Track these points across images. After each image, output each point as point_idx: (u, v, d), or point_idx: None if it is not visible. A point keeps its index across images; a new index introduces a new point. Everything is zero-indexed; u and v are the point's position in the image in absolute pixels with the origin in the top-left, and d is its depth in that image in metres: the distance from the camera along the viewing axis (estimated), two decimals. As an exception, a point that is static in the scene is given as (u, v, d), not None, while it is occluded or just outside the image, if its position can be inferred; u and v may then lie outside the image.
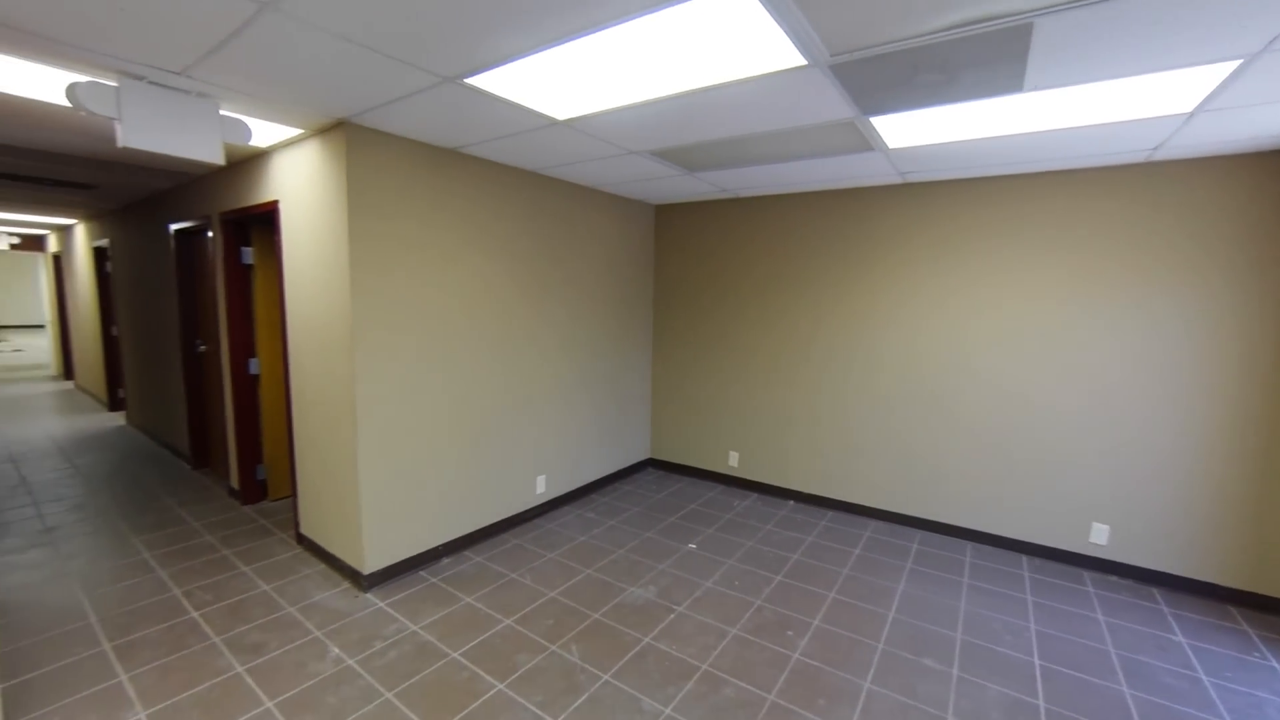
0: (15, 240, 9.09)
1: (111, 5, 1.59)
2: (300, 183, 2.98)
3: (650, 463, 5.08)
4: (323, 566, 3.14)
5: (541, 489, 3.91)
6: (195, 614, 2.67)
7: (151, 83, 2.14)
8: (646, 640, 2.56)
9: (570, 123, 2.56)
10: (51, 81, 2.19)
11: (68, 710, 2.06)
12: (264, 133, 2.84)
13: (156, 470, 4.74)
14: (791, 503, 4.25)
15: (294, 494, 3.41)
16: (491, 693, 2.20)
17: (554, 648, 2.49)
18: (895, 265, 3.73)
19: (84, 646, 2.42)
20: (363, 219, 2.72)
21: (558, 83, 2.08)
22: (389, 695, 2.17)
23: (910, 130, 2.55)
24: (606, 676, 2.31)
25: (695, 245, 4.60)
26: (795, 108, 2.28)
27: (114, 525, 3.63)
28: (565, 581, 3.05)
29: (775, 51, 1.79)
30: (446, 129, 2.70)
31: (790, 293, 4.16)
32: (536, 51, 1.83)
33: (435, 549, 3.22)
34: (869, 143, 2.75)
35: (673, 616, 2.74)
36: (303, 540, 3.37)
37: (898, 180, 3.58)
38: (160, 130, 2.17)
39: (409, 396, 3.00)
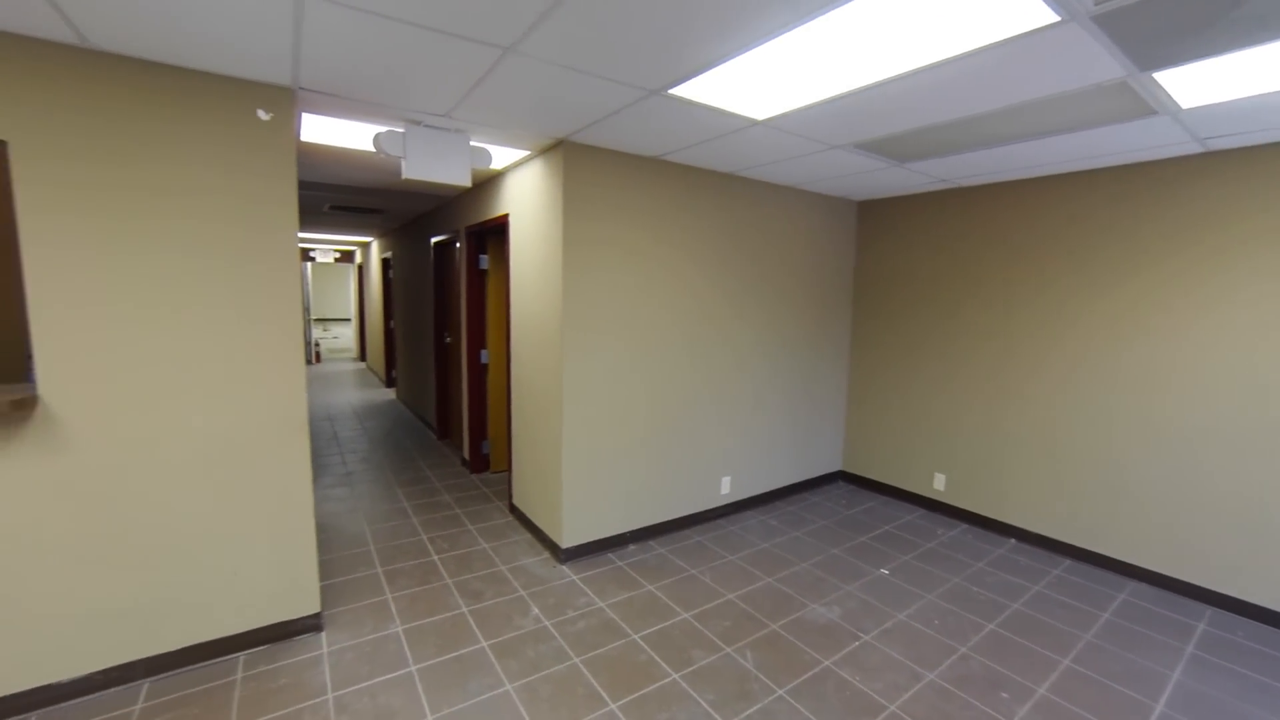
0: (336, 255, 12.05)
1: (410, 70, 2.01)
2: (525, 197, 3.43)
3: (841, 475, 4.76)
4: (528, 536, 3.58)
5: (726, 490, 3.92)
6: (435, 557, 3.25)
7: (426, 125, 2.65)
8: (827, 663, 2.41)
9: (770, 122, 2.51)
10: (361, 133, 2.85)
11: (355, 612, 2.66)
12: (500, 157, 3.32)
13: (413, 437, 5.89)
14: (1012, 541, 3.62)
15: (509, 469, 3.94)
16: (666, 680, 2.28)
17: (729, 650, 2.48)
18: (1190, 260, 2.93)
19: (365, 567, 3.11)
20: (575, 225, 3.02)
21: (757, 83, 2.06)
22: (577, 660, 2.38)
23: (1218, 82, 1.97)
24: (781, 692, 2.24)
25: (902, 241, 4.18)
26: (1044, 75, 1.93)
27: (385, 476, 4.61)
28: (744, 586, 3.02)
29: (1017, 11, 1.53)
30: (649, 139, 2.86)
31: (1019, 294, 3.54)
32: (740, 54, 1.83)
33: (623, 535, 3.45)
34: (1148, 105, 2.20)
35: (857, 644, 2.54)
36: (514, 510, 3.88)
37: (1195, 150, 2.81)
38: (430, 162, 2.67)
39: (609, 390, 3.26)
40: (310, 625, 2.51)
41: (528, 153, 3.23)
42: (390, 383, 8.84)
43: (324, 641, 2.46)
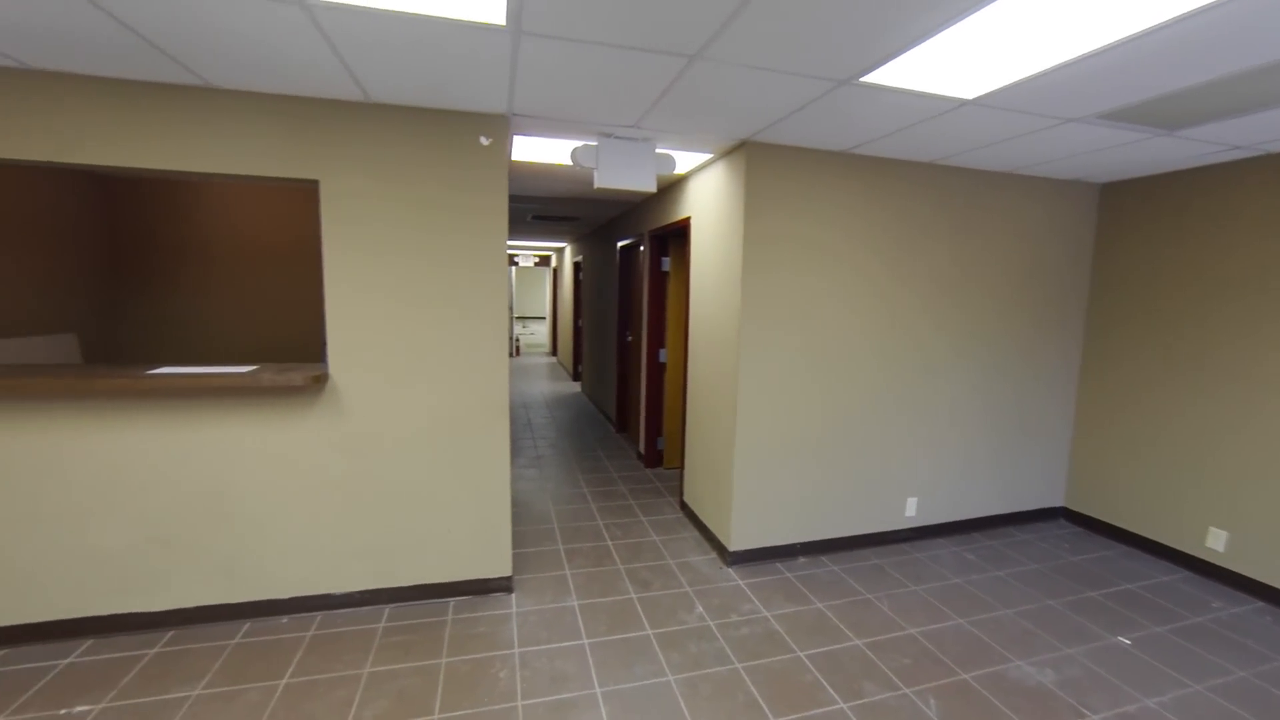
0: (536, 259, 13.55)
1: (603, 87, 2.18)
2: (707, 199, 3.48)
3: (1063, 512, 3.99)
4: (697, 534, 3.63)
5: (911, 512, 3.55)
6: (609, 542, 3.47)
7: (616, 137, 2.84)
8: (1036, 733, 2.03)
9: (983, 100, 2.20)
10: (559, 149, 3.16)
11: (539, 581, 2.98)
12: (683, 162, 3.42)
13: (595, 428, 6.36)
14: (1340, 632, 2.68)
15: (681, 466, 4.04)
16: (833, 708, 2.14)
17: (907, 690, 2.24)
18: None
19: (549, 542, 3.45)
20: (757, 225, 2.98)
21: (966, 57, 1.82)
22: (738, 666, 2.36)
23: None
24: (974, 752, 1.95)
25: (1165, 230, 3.34)
26: None
27: (569, 463, 5.05)
28: (929, 622, 2.70)
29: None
30: (836, 133, 2.70)
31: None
32: (948, 26, 1.63)
33: (793, 546, 3.32)
34: None
35: (1081, 720, 2.10)
36: (684, 507, 3.96)
37: None
38: (619, 171, 2.86)
39: (785, 393, 3.16)
40: (502, 586, 2.87)
41: (710, 156, 3.27)
42: (577, 376, 9.66)
43: (513, 602, 2.79)
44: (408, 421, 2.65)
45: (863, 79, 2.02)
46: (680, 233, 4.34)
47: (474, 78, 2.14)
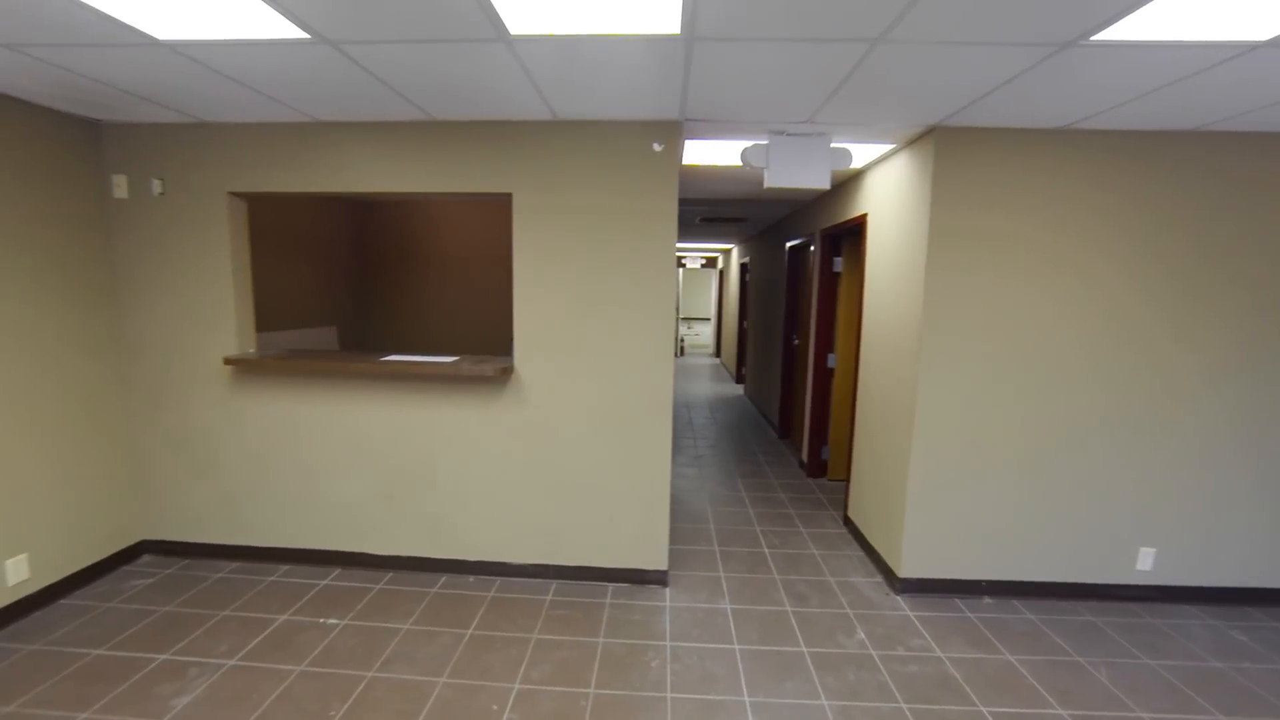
0: (702, 261, 13.71)
1: (776, 83, 2.13)
2: (886, 194, 3.20)
3: (1402, 597, 2.91)
4: (861, 553, 3.37)
5: (1145, 565, 2.87)
6: (766, 550, 3.38)
7: (788, 134, 2.75)
8: None
9: (1282, 43, 1.69)
10: (729, 151, 3.15)
11: (693, 580, 3.01)
12: (860, 155, 3.18)
13: (756, 433, 6.24)
14: None
15: (847, 479, 3.77)
16: (1027, 781, 1.82)
17: (1134, 784, 1.82)
18: None
19: (705, 543, 3.47)
20: (945, 219, 2.67)
21: (1263, -10, 1.41)
22: (903, 706, 2.13)
23: None
24: None
25: None
26: None
27: (728, 465, 5.02)
28: (1175, 710, 2.16)
29: None
30: (1054, 106, 2.29)
31: None
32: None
33: (978, 583, 2.90)
34: None
35: None
36: (848, 522, 3.70)
37: None
38: (790, 170, 2.76)
39: (973, 408, 2.78)
40: (658, 579, 2.95)
41: (892, 146, 3.00)
42: (739, 379, 9.57)
43: (667, 596, 2.86)
44: (579, 413, 2.87)
45: (1095, 37, 1.69)
46: (855, 231, 4.05)
47: (648, 88, 2.23)
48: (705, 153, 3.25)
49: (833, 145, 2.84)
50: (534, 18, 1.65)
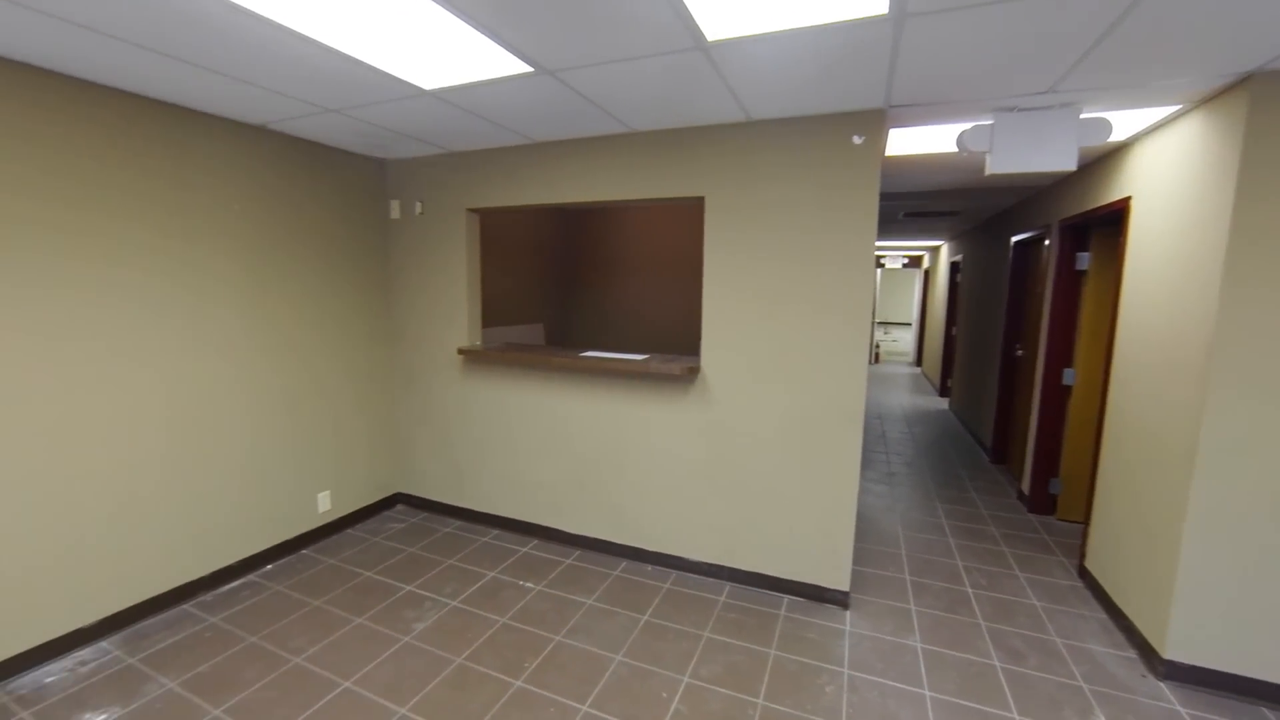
0: (904, 260, 12.42)
1: (1005, 52, 1.84)
2: (1160, 172, 2.55)
3: None
4: (1104, 616, 2.74)
5: None
6: (969, 589, 2.95)
7: (1019, 110, 2.35)
8: None
9: None
10: (940, 137, 2.80)
11: (878, 607, 2.75)
12: (1122, 125, 2.58)
13: (961, 453, 5.47)
14: None
15: (1086, 521, 3.11)
16: None
17: None
18: None
19: (894, 568, 3.15)
20: (1258, 205, 2.03)
21: None
22: (1165, 821, 1.68)
23: None
24: None
25: None
26: None
27: (926, 486, 4.49)
28: None
29: None
30: None
31: None
32: None
33: (1292, 683, 2.16)
34: None
35: None
36: (1085, 575, 3.04)
37: None
38: (1022, 151, 2.37)
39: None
40: (838, 599, 2.76)
41: (1174, 109, 2.38)
42: (944, 391, 8.49)
43: (847, 620, 2.66)
44: (763, 416, 2.82)
45: None
46: (1110, 220, 3.30)
47: (850, 77, 2.09)
48: (912, 141, 2.94)
49: (1083, 116, 2.35)
50: (730, 21, 1.66)
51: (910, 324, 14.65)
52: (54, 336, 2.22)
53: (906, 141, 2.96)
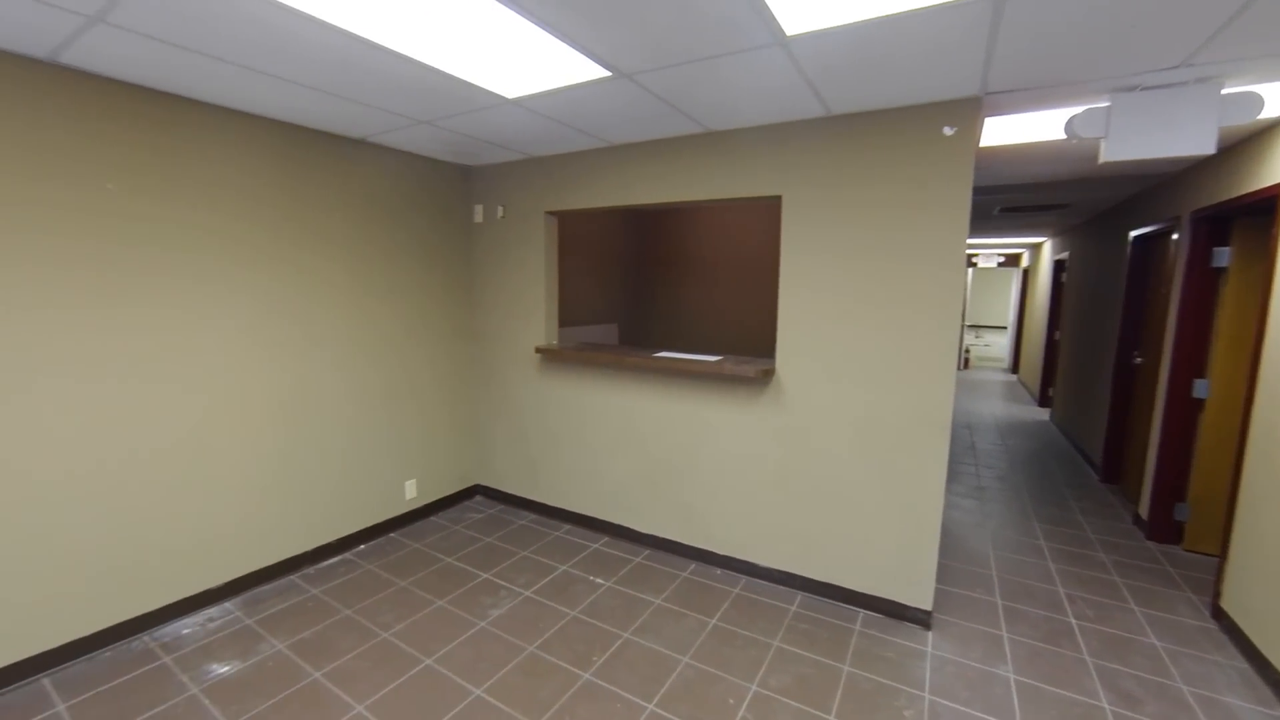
0: (1000, 259, 11.51)
1: (1130, 25, 1.66)
2: (1326, 154, 2.21)
3: None
4: (1244, 665, 2.41)
5: None
6: (1072, 620, 2.68)
7: (1143, 89, 2.12)
8: None
9: None
10: (1044, 124, 2.56)
11: (964, 631, 2.57)
12: (1275, 100, 2.26)
13: (1065, 469, 4.99)
14: None
15: (1223, 554, 2.74)
16: None
17: None
18: None
19: (983, 590, 2.93)
20: None
21: None
22: None
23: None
24: None
25: None
26: None
27: (1021, 503, 4.13)
28: None
29: None
30: None
31: None
32: None
33: None
34: None
35: None
36: (1220, 616, 2.68)
37: None
38: (1145, 135, 2.13)
39: None
40: (918, 618, 2.60)
41: (1343, 81, 2.05)
42: (1044, 401, 7.79)
43: (929, 641, 2.50)
44: (840, 422, 2.71)
45: None
46: (1260, 210, 2.90)
47: (941, 65, 1.97)
48: (1010, 130, 2.72)
49: (1225, 92, 2.07)
50: (810, 14, 1.61)
51: (1005, 327, 13.55)
52: (195, 329, 2.52)
53: (1004, 130, 2.74)
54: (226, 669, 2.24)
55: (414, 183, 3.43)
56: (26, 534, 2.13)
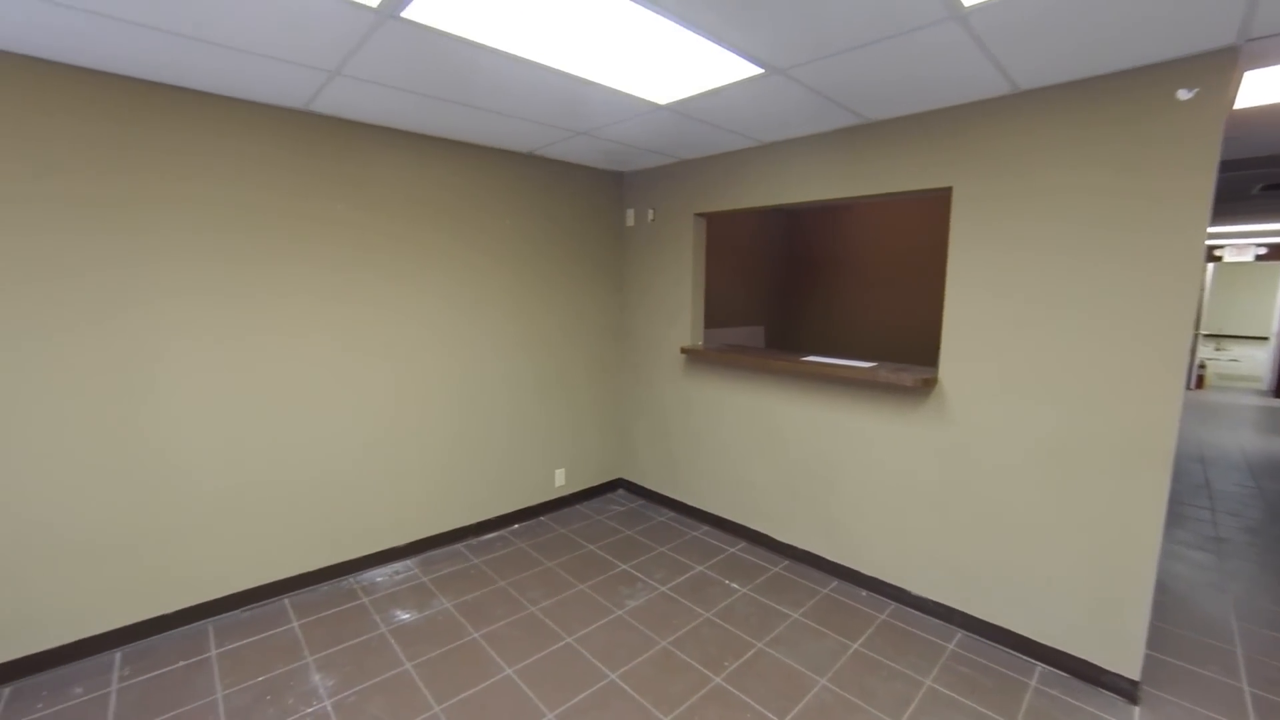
0: (1260, 251, 9.11)
1: None
2: None
3: None
4: None
5: None
6: (1362, 726, 2.04)
7: None
8: None
9: None
10: (1351, 70, 1.97)
11: (1186, 713, 2.08)
12: None
13: (1359, 526, 3.80)
14: None
15: None
16: None
17: None
18: None
19: (1219, 668, 2.35)
20: None
21: None
22: None
23: None
24: None
25: None
26: None
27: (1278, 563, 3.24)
28: None
29: None
30: None
31: None
32: None
33: None
34: None
35: None
36: None
37: None
38: None
39: None
40: (1120, 687, 2.16)
41: None
42: (1324, 435, 6.02)
43: (1135, 717, 2.07)
44: (1018, 442, 2.36)
45: None
46: None
47: (1179, 11, 1.61)
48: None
49: None
50: (999, -24, 1.42)
51: (1265, 338, 10.68)
52: (391, 324, 2.98)
53: (1271, 87, 2.17)
54: (407, 616, 2.61)
55: (571, 190, 3.68)
56: (275, 490, 2.68)
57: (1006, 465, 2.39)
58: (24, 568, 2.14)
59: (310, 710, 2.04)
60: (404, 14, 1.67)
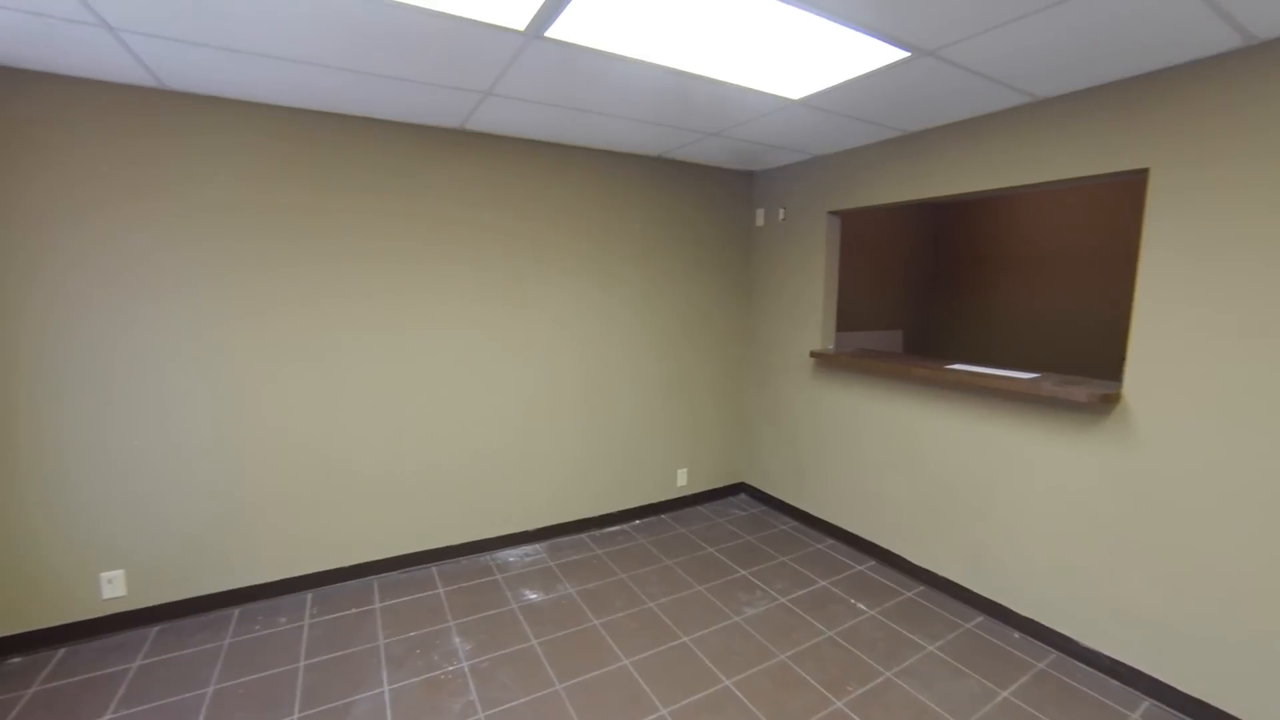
0: None
1: None
2: None
3: None
4: None
5: None
6: None
7: None
8: None
9: None
10: None
11: None
12: None
13: None
14: None
15: None
16: None
17: None
18: None
19: None
20: None
21: None
22: None
23: None
24: None
25: None
26: None
27: None
28: None
29: None
30: None
31: None
32: None
33: None
34: None
35: None
36: None
37: None
38: None
39: None
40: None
41: None
42: None
43: None
44: (1230, 479, 1.94)
45: None
46: None
47: None
48: None
49: None
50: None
51: None
52: (533, 323, 3.21)
53: None
54: (535, 596, 2.79)
55: (700, 191, 3.69)
56: (429, 472, 3.03)
57: (1213, 505, 1.97)
58: (250, 522, 2.64)
59: (451, 669, 2.27)
60: (548, 33, 1.79)
